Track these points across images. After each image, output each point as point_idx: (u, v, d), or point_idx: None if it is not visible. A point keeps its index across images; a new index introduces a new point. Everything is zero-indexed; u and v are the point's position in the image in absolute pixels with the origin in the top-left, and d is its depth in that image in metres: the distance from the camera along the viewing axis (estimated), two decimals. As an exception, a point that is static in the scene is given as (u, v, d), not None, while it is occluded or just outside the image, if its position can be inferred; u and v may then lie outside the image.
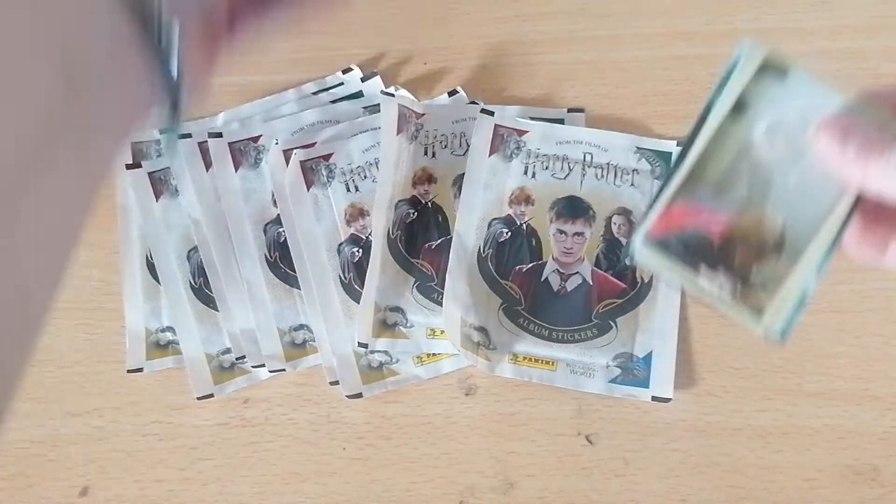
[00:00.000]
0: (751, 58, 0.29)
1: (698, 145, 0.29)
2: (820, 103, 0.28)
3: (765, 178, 0.28)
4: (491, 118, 0.50)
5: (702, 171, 0.28)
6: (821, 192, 0.28)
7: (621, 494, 0.44)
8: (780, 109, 0.28)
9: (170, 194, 0.50)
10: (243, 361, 0.47)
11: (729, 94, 0.29)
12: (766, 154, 0.28)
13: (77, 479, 0.46)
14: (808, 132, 0.27)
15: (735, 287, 0.27)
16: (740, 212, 0.28)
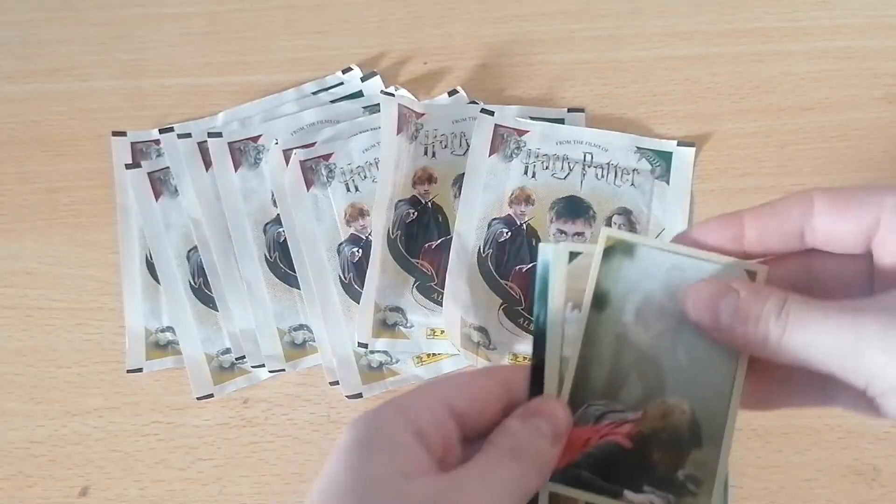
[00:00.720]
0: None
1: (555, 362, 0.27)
2: (677, 266, 0.26)
3: (653, 364, 0.26)
4: (491, 118, 0.50)
5: (585, 382, 0.26)
6: (716, 357, 0.26)
7: (621, 494, 0.44)
8: (642, 288, 0.27)
9: (169, 194, 0.50)
10: (243, 361, 0.47)
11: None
12: (644, 339, 0.26)
13: (77, 479, 0.46)
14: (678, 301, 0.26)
15: (668, 499, 0.25)
16: (643, 409, 0.26)
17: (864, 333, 0.22)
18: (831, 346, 0.23)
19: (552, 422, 0.26)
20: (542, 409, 0.27)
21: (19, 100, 0.54)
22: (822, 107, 0.51)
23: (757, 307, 0.24)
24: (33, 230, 0.51)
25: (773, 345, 0.24)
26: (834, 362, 0.23)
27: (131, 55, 0.55)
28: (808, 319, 0.23)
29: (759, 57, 0.53)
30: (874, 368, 0.22)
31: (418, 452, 0.24)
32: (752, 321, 0.24)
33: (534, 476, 0.25)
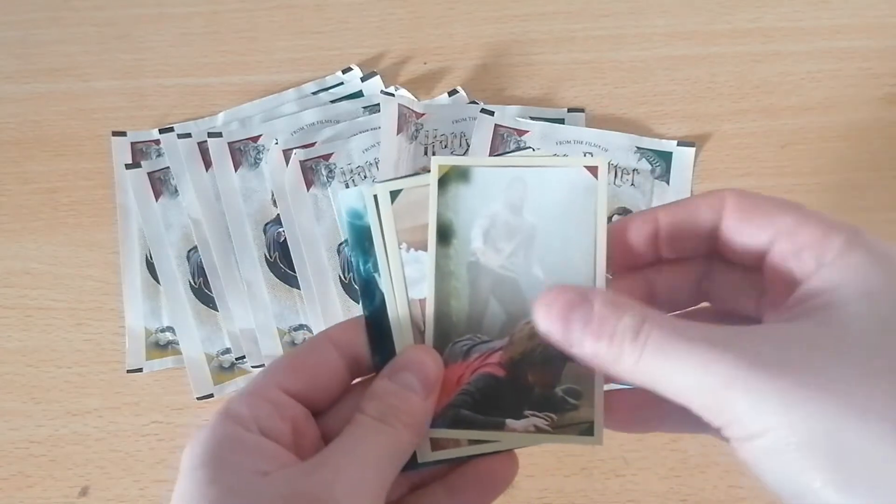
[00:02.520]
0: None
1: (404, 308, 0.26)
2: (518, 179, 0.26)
3: (511, 286, 0.25)
4: (491, 118, 0.50)
5: (446, 320, 0.26)
6: (574, 262, 0.25)
7: (621, 494, 0.44)
8: (485, 210, 0.26)
9: (169, 194, 0.50)
10: (243, 361, 0.47)
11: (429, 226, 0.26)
12: (497, 262, 0.26)
13: (77, 480, 0.46)
14: (524, 214, 0.25)
15: (550, 417, 0.25)
16: (509, 335, 0.25)
17: (728, 373, 0.20)
18: (690, 382, 0.21)
19: (420, 373, 0.26)
20: (408, 362, 0.26)
21: (19, 100, 0.54)
22: (822, 107, 0.51)
23: (611, 324, 0.22)
24: (33, 230, 0.51)
25: (628, 369, 0.22)
26: (692, 398, 0.21)
27: (131, 55, 0.55)
28: (668, 348, 0.21)
29: (759, 57, 0.53)
30: (735, 411, 0.20)
31: (268, 447, 0.23)
32: (606, 340, 0.22)
33: (407, 435, 0.25)
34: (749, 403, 0.20)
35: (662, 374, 0.21)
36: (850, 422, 0.19)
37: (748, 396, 0.20)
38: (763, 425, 0.20)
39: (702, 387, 0.21)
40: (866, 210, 0.49)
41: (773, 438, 0.20)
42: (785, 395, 0.20)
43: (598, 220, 0.26)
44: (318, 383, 0.26)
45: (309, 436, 0.26)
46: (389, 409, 0.25)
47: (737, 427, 0.21)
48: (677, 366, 0.21)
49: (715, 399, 0.21)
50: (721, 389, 0.20)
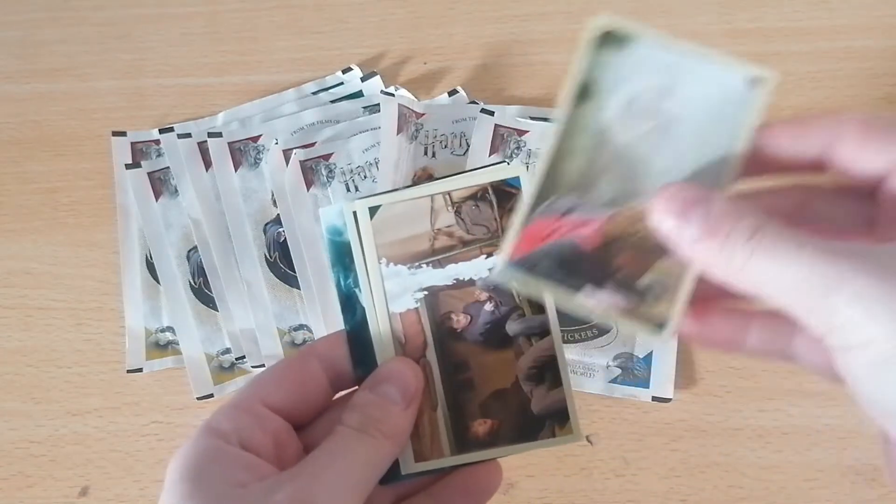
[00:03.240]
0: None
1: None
2: (675, 65, 0.24)
3: (632, 165, 0.24)
4: (491, 118, 0.50)
5: (557, 175, 0.24)
6: (708, 163, 0.24)
7: (621, 494, 0.44)
8: (633, 83, 0.24)
9: (169, 194, 0.50)
10: (243, 361, 0.47)
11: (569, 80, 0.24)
12: (627, 137, 0.24)
13: (77, 480, 0.46)
14: (671, 101, 0.23)
15: (627, 304, 0.24)
16: (612, 210, 0.24)
17: (838, 275, 0.19)
18: (797, 281, 0.20)
19: (401, 385, 0.26)
20: (389, 373, 0.26)
21: (19, 100, 0.54)
22: (822, 107, 0.51)
23: (729, 223, 0.21)
24: (33, 230, 0.51)
25: (736, 268, 0.21)
26: (796, 300, 0.20)
27: (131, 55, 0.55)
28: (779, 248, 0.20)
29: (759, 57, 0.53)
30: (839, 317, 0.19)
31: (248, 460, 0.24)
32: (720, 237, 0.21)
33: (387, 445, 0.25)
34: (857, 309, 0.19)
35: (770, 275, 0.21)
36: None
37: (857, 302, 0.19)
38: (869, 334, 0.19)
39: (810, 288, 0.20)
40: (866, 210, 0.49)
41: (879, 350, 0.19)
42: (893, 302, 0.19)
43: (742, 133, 0.24)
44: (300, 397, 0.27)
45: (291, 449, 0.26)
46: (369, 419, 0.25)
47: (840, 334, 0.20)
48: (786, 265, 0.20)
49: (821, 302, 0.20)
50: (829, 292, 0.19)
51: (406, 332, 0.27)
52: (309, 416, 0.27)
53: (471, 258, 0.27)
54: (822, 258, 0.20)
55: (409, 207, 0.27)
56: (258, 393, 0.26)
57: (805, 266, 0.20)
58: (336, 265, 0.28)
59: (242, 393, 0.26)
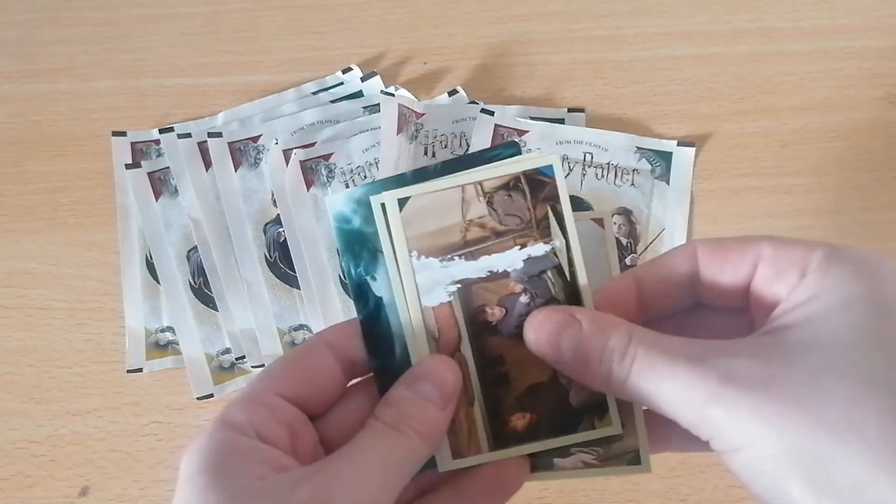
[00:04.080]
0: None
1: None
2: None
3: None
4: (491, 118, 0.50)
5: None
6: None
7: (621, 494, 0.44)
8: None
9: (169, 194, 0.50)
10: (243, 361, 0.47)
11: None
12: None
13: (77, 479, 0.46)
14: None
15: (596, 451, 0.25)
16: None
17: (707, 392, 0.21)
18: (676, 399, 0.22)
19: (438, 383, 0.25)
20: (426, 371, 0.26)
21: (19, 100, 0.54)
22: (822, 107, 0.51)
23: (599, 344, 0.23)
24: (33, 230, 0.51)
25: (617, 387, 0.23)
26: (679, 415, 0.22)
27: (131, 55, 0.55)
28: (652, 366, 0.22)
29: (760, 57, 0.53)
30: (717, 429, 0.21)
31: (266, 452, 0.23)
32: (595, 360, 0.23)
33: (420, 446, 0.25)
34: (728, 419, 0.21)
35: (650, 393, 0.22)
36: (823, 437, 0.20)
37: (727, 413, 0.21)
38: (742, 439, 0.21)
39: (687, 404, 0.22)
40: (866, 210, 0.49)
41: (753, 451, 0.21)
42: (760, 410, 0.21)
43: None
44: (314, 387, 0.26)
45: (306, 440, 0.25)
46: (404, 416, 0.25)
47: (720, 441, 0.22)
48: (662, 385, 0.22)
49: (698, 416, 0.22)
50: (702, 407, 0.21)
51: (440, 326, 0.26)
52: (323, 406, 0.27)
53: (504, 249, 0.26)
54: (693, 373, 0.22)
55: (440, 198, 0.26)
56: (271, 384, 0.26)
57: (679, 384, 0.22)
58: (346, 254, 0.27)
59: (255, 385, 0.26)
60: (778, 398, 0.21)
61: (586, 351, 0.23)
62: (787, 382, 0.21)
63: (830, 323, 0.22)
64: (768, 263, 0.24)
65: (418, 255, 0.26)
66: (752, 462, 0.21)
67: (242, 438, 0.23)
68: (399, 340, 0.27)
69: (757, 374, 0.21)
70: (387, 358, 0.27)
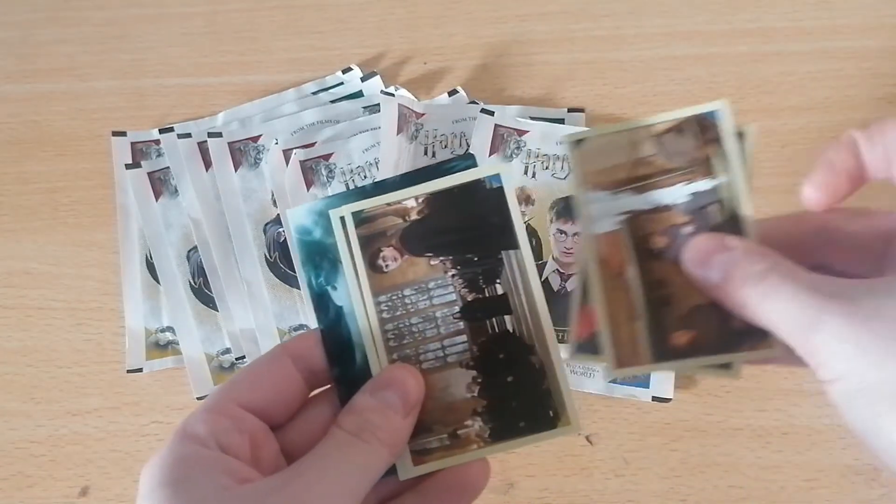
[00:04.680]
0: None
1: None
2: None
3: None
4: (491, 118, 0.49)
5: None
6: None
7: (621, 494, 0.44)
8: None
9: (169, 194, 0.50)
10: (243, 361, 0.47)
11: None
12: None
13: (77, 479, 0.46)
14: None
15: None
16: None
17: (818, 317, 0.22)
18: (793, 323, 0.22)
19: (402, 392, 0.26)
20: (390, 380, 0.26)
21: (19, 100, 0.54)
22: (822, 107, 0.51)
23: (743, 270, 0.24)
24: (33, 230, 0.51)
25: (751, 310, 0.24)
26: (793, 337, 0.23)
27: (131, 55, 0.55)
28: (781, 291, 0.23)
29: (760, 57, 0.53)
30: (824, 355, 0.22)
31: (228, 463, 0.23)
32: (737, 283, 0.24)
33: (383, 453, 0.25)
34: (832, 347, 0.21)
35: (776, 315, 0.23)
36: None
37: (832, 340, 0.21)
38: (843, 369, 0.21)
39: (800, 327, 0.22)
40: (866, 210, 0.49)
41: (851, 382, 0.21)
42: (863, 341, 0.21)
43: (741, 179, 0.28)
44: (276, 397, 0.26)
45: (268, 450, 0.25)
46: (367, 424, 0.25)
47: (822, 369, 0.22)
48: (785, 307, 0.23)
49: (807, 340, 0.22)
50: (812, 331, 0.22)
51: (605, 251, 0.28)
52: (285, 416, 0.27)
53: (671, 185, 0.28)
54: (811, 301, 0.22)
55: (613, 139, 0.28)
56: (232, 394, 0.26)
57: (797, 307, 0.22)
58: (307, 264, 0.28)
59: (216, 395, 0.26)
60: (883, 332, 0.21)
61: (731, 275, 0.24)
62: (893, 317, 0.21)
63: None
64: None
65: (591, 189, 0.28)
66: (851, 393, 0.21)
67: (203, 450, 0.23)
68: (359, 349, 0.28)
69: (867, 307, 0.21)
70: (347, 366, 0.27)
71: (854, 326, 0.21)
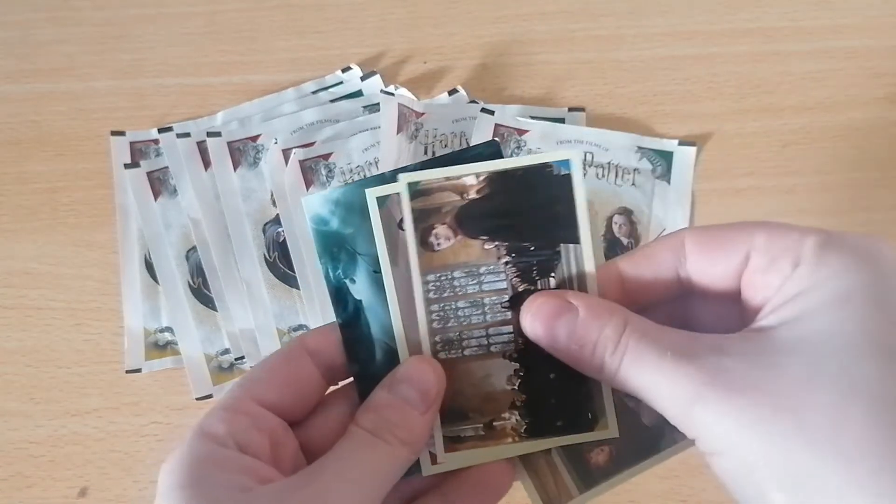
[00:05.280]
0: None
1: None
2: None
3: None
4: (491, 117, 0.49)
5: None
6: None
7: (621, 495, 0.44)
8: None
9: (168, 194, 0.50)
10: (242, 362, 0.47)
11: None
12: None
13: (76, 480, 0.46)
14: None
15: None
16: None
17: (692, 391, 0.21)
18: (663, 394, 0.21)
19: (421, 387, 0.25)
20: (408, 374, 0.25)
21: (19, 100, 0.54)
22: (823, 106, 0.51)
23: (594, 332, 0.23)
24: (33, 230, 0.51)
25: (609, 377, 0.23)
26: (666, 409, 0.22)
27: (131, 55, 0.55)
28: (643, 359, 0.22)
29: (760, 57, 0.52)
30: (700, 430, 0.21)
31: (247, 463, 0.23)
32: (588, 348, 0.23)
33: (403, 451, 0.24)
34: (711, 422, 0.20)
35: (640, 385, 0.22)
36: (802, 448, 0.19)
37: (710, 415, 0.20)
38: (724, 444, 0.20)
39: (673, 401, 0.21)
40: (867, 210, 0.49)
41: (734, 457, 0.20)
42: (743, 415, 0.20)
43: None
44: (294, 393, 0.26)
45: (287, 448, 0.25)
46: (385, 422, 0.24)
47: (703, 443, 0.21)
48: (651, 379, 0.22)
49: (684, 413, 0.21)
50: (688, 406, 0.21)
51: None
52: (304, 412, 0.26)
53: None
54: (680, 370, 0.21)
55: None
56: (250, 391, 0.25)
57: (666, 378, 0.21)
58: (324, 256, 0.27)
59: (233, 393, 0.25)
60: (761, 404, 0.20)
61: (580, 339, 0.23)
62: (771, 388, 0.20)
63: (821, 321, 0.21)
64: (761, 252, 0.22)
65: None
66: (734, 468, 0.20)
67: (222, 449, 0.23)
68: (379, 344, 0.27)
69: (742, 377, 0.20)
70: (366, 362, 0.27)
71: (733, 401, 0.20)
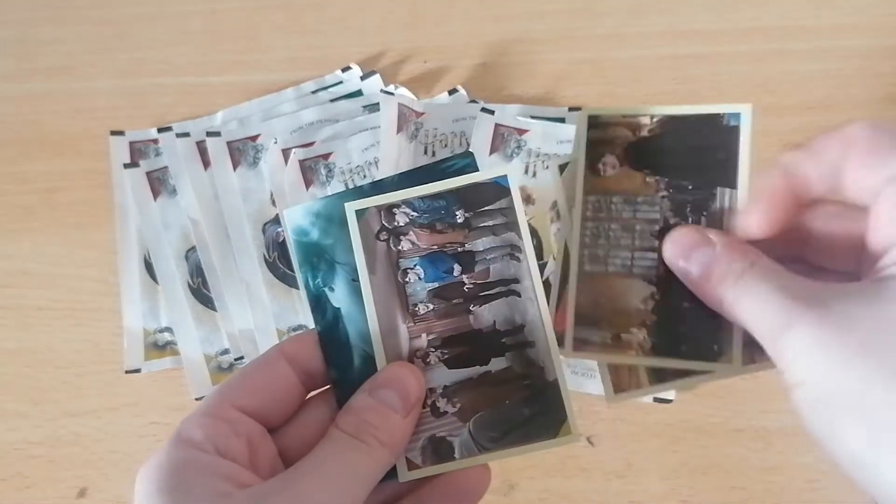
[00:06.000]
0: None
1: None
2: None
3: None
4: (491, 117, 0.49)
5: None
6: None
7: (622, 496, 0.44)
8: None
9: (168, 194, 0.50)
10: (242, 362, 0.47)
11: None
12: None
13: (75, 481, 0.46)
14: None
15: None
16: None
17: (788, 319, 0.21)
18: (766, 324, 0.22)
19: (401, 391, 0.25)
20: (390, 378, 0.26)
21: (19, 100, 0.54)
22: (823, 106, 0.51)
23: (722, 267, 0.24)
24: (32, 230, 0.50)
25: (726, 307, 0.24)
26: (765, 340, 0.22)
27: (130, 54, 0.55)
28: (756, 291, 0.23)
29: (761, 56, 0.52)
30: (791, 359, 0.21)
31: (226, 468, 0.23)
32: (715, 280, 0.24)
33: (383, 454, 0.24)
34: (800, 351, 0.21)
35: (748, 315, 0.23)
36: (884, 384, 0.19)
37: (800, 344, 0.21)
38: (808, 374, 0.21)
39: (771, 328, 0.22)
40: (868, 210, 0.49)
41: (815, 388, 0.21)
42: (829, 348, 0.20)
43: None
44: (273, 399, 0.26)
45: (265, 453, 0.25)
46: (366, 425, 0.24)
47: (788, 373, 0.22)
48: (758, 307, 0.22)
49: (777, 342, 0.22)
50: (782, 333, 0.22)
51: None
52: (282, 418, 0.27)
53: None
54: (784, 303, 0.22)
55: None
56: (228, 397, 0.25)
57: (770, 309, 0.22)
58: (304, 265, 0.28)
59: (212, 398, 0.25)
60: (850, 341, 0.20)
61: (710, 271, 0.24)
62: (863, 327, 0.20)
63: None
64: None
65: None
66: (813, 400, 0.21)
67: (201, 455, 0.23)
68: (357, 351, 0.27)
69: (839, 314, 0.21)
70: (345, 369, 0.27)
71: (823, 332, 0.21)
